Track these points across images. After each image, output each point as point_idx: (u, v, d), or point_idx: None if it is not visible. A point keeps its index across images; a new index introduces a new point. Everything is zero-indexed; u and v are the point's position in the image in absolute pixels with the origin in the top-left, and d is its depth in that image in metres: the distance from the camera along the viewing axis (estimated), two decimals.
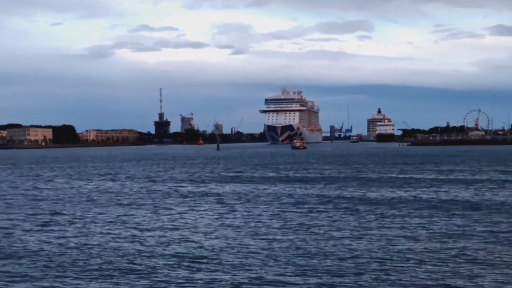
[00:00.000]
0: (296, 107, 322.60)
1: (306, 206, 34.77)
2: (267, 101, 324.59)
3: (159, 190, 47.43)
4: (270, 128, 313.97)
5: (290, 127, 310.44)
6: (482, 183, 48.49)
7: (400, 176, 59.22)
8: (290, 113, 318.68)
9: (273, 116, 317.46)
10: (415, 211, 31.63)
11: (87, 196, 43.51)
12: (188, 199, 40.32)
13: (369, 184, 49.45)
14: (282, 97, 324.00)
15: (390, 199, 37.60)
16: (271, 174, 65.22)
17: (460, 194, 39.80)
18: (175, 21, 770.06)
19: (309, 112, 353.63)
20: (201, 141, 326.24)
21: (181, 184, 53.56)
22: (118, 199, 40.89)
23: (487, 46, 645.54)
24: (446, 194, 40.35)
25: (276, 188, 47.17)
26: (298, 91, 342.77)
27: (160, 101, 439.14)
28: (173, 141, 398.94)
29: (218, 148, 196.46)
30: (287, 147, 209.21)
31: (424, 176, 58.05)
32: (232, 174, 66.67)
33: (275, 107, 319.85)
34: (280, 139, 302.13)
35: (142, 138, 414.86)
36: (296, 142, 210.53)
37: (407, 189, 44.48)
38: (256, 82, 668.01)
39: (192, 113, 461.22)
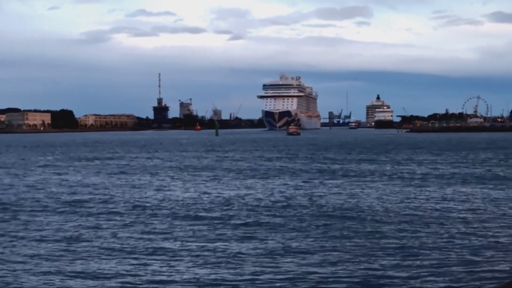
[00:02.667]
0: (294, 92, 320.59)
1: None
2: (265, 87, 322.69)
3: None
4: (268, 114, 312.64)
5: (288, 113, 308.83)
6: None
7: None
8: (288, 99, 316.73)
9: (271, 102, 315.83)
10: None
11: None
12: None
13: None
14: (280, 83, 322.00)
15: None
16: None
17: None
18: (172, 6, 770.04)
19: (308, 98, 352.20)
20: (198, 127, 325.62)
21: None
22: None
23: (486, 33, 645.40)
24: None
25: None
26: (296, 77, 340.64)
27: (159, 86, 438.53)
28: (172, 127, 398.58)
29: (217, 134, 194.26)
30: (283, 133, 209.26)
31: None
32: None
33: (273, 92, 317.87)
34: (278, 125, 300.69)
35: (141, 123, 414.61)
36: (291, 128, 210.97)
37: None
38: (255, 68, 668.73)
39: (191, 99, 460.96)
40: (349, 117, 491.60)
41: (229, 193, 34.76)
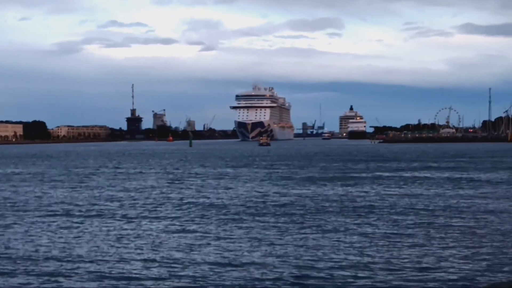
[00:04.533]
0: (267, 103, 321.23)
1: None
2: (238, 97, 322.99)
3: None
4: (240, 125, 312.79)
5: (260, 124, 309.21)
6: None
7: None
8: (260, 110, 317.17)
9: (243, 113, 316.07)
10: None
11: None
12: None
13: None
14: (253, 93, 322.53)
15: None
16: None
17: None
18: (144, 17, 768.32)
19: (281, 109, 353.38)
20: (171, 138, 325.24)
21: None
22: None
23: (455, 44, 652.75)
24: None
25: None
26: (269, 88, 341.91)
27: (132, 97, 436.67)
28: (145, 137, 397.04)
29: (190, 145, 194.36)
30: (255, 144, 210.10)
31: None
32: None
33: (245, 103, 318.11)
34: (250, 135, 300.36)
35: (114, 135, 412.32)
36: (261, 139, 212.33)
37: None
38: (227, 79, 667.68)
39: (164, 110, 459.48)
40: (322, 127, 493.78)
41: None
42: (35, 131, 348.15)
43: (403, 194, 38.04)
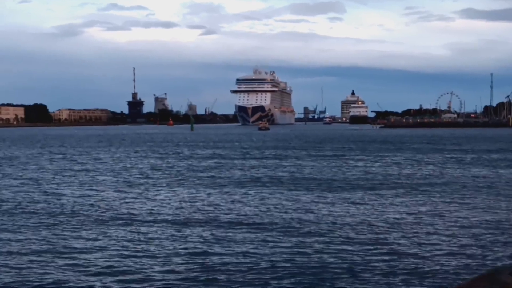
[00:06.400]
0: (268, 87, 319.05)
1: None
2: (239, 81, 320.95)
3: None
4: (241, 109, 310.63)
5: (261, 108, 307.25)
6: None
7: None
8: (261, 94, 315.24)
9: (244, 97, 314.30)
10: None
11: None
12: None
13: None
14: (254, 77, 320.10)
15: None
16: None
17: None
18: (144, 0, 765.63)
19: (282, 93, 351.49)
20: (171, 122, 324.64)
21: None
22: None
23: (456, 29, 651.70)
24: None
25: None
26: (270, 72, 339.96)
27: (134, 80, 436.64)
28: (146, 121, 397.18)
29: (192, 129, 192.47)
30: (255, 128, 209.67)
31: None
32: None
33: (246, 87, 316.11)
34: (251, 120, 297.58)
35: (115, 118, 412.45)
36: (260, 123, 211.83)
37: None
38: (228, 63, 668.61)
39: (166, 93, 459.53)
40: (324, 112, 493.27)
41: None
42: (36, 114, 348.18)
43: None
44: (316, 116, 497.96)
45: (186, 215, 23.61)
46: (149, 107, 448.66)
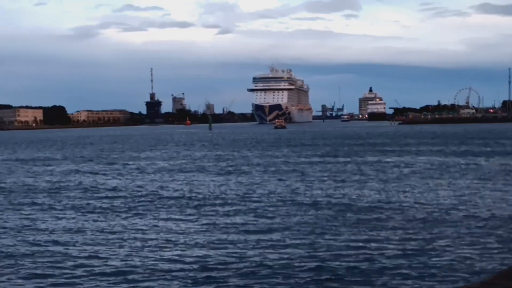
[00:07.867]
0: (284, 85, 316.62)
1: None
2: (255, 80, 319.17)
3: None
4: (258, 108, 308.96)
5: (278, 106, 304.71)
6: None
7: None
8: (278, 92, 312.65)
9: (261, 95, 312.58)
10: None
11: None
12: None
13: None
14: (271, 76, 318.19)
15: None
16: None
17: None
18: (159, 1, 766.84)
19: (298, 91, 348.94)
20: (188, 121, 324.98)
21: None
22: None
23: (473, 24, 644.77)
24: None
25: None
26: (287, 70, 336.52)
27: (151, 81, 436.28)
28: (165, 121, 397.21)
29: (210, 128, 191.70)
30: (271, 127, 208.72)
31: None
32: None
33: (263, 85, 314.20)
34: (268, 118, 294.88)
35: (134, 119, 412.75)
36: (276, 121, 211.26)
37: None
38: (244, 62, 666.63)
39: (183, 93, 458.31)
40: (342, 109, 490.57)
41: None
42: (55, 116, 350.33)
43: None
44: (334, 114, 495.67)
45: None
46: (167, 107, 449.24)
